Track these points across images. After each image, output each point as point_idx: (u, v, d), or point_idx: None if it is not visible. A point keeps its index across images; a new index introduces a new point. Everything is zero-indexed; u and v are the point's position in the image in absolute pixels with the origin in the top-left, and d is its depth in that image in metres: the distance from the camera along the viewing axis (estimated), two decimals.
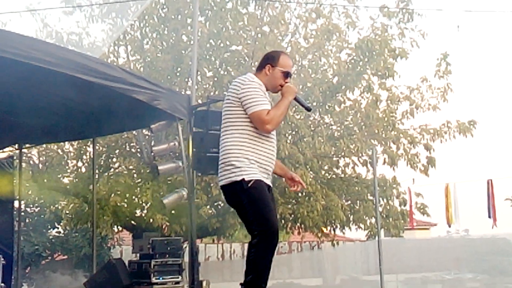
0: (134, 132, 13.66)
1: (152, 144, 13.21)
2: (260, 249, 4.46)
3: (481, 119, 15.17)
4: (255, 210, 4.50)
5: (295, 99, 4.80)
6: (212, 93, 13.59)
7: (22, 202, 13.17)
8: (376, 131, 14.37)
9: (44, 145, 14.46)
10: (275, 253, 4.57)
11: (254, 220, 4.49)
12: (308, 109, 5.17)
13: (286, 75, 4.81)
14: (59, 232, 19.29)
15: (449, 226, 17.55)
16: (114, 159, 14.97)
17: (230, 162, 4.56)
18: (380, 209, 13.97)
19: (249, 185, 4.47)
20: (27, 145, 12.85)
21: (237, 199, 4.61)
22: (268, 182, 4.67)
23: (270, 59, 4.85)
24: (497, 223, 16.01)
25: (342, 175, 14.85)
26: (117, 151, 14.68)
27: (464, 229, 23.44)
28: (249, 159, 4.54)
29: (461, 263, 21.35)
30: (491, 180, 15.97)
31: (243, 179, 4.48)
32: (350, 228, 15.08)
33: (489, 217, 16.04)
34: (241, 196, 4.53)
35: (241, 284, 4.53)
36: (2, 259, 9.27)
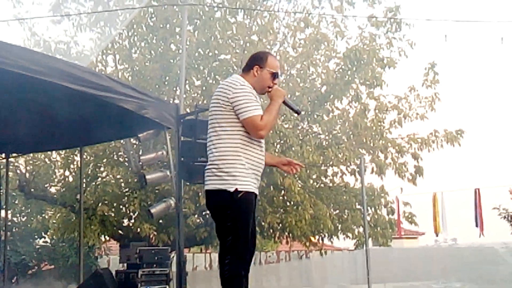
0: (122, 141, 13.62)
1: (140, 153, 13.26)
2: (233, 267, 4.38)
3: (469, 129, 15.26)
4: (236, 224, 4.40)
5: (284, 102, 4.71)
6: (200, 102, 13.57)
7: (9, 211, 13.08)
8: (364, 140, 14.41)
9: (31, 154, 14.39)
10: (264, 262, 4.52)
11: (231, 233, 4.39)
12: (298, 112, 5.11)
13: (274, 76, 4.70)
14: (46, 242, 19.20)
15: (437, 235, 17.67)
16: (102, 168, 14.91)
17: (225, 168, 4.43)
18: (368, 218, 13.99)
19: (239, 196, 4.37)
20: (14, 154, 12.77)
21: (220, 207, 4.50)
22: (256, 190, 4.57)
23: (257, 60, 4.73)
24: (484, 232, 16.10)
25: (330, 184, 14.86)
26: (104, 160, 14.62)
27: (451, 238, 23.55)
28: (244, 165, 4.44)
29: (449, 272, 21.40)
30: (479, 189, 16.06)
31: (236, 189, 4.38)
32: (338, 237, 15.10)
33: (477, 226, 16.12)
34: (226, 205, 4.41)
35: None
36: None
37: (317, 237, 15.12)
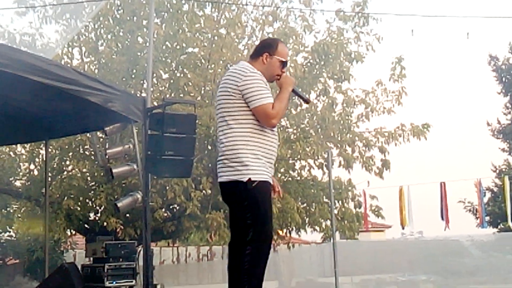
0: (88, 134, 13.48)
1: (106, 146, 13.12)
2: (254, 258, 4.26)
3: (435, 123, 15.38)
4: (255, 214, 4.27)
5: (293, 90, 4.62)
6: (168, 96, 13.51)
7: None
8: (332, 134, 14.46)
9: None
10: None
11: (251, 224, 4.25)
12: (307, 101, 5.09)
13: (284, 64, 4.60)
14: (11, 236, 18.95)
15: (403, 228, 17.78)
16: (68, 162, 14.74)
17: (238, 158, 4.29)
18: (336, 211, 14.06)
19: (253, 185, 4.24)
20: None
21: (237, 199, 4.36)
22: (270, 179, 4.44)
23: (267, 47, 4.60)
24: (449, 225, 16.26)
25: (298, 178, 14.89)
26: (70, 153, 14.46)
27: (418, 231, 23.78)
28: (256, 154, 4.31)
29: (415, 265, 21.62)
30: (444, 183, 16.20)
31: (249, 179, 4.25)
32: (305, 230, 15.13)
33: (442, 219, 16.28)
34: (242, 196, 4.28)
35: None
36: None
37: (284, 230, 15.14)
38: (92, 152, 14.31)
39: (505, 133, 27.03)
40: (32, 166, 15.05)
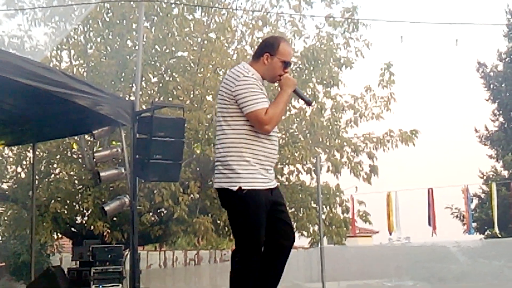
0: (76, 137, 13.44)
1: (94, 150, 13.08)
2: (243, 269, 4.17)
3: (423, 129, 15.41)
4: (245, 223, 4.18)
5: (295, 91, 4.43)
6: (156, 99, 13.48)
7: None
8: (321, 139, 14.47)
9: None
10: (219, 260, 4.38)
11: (241, 233, 4.18)
12: (309, 103, 4.91)
13: (286, 65, 4.39)
14: None
15: (390, 234, 17.79)
16: (55, 165, 14.70)
17: (229, 165, 4.18)
18: (323, 216, 14.05)
19: (244, 193, 4.12)
20: None
21: (229, 205, 4.28)
22: (270, 184, 4.30)
23: (268, 47, 4.38)
24: (436, 231, 16.31)
25: (286, 183, 14.88)
26: (58, 156, 14.41)
27: (405, 236, 23.76)
28: (248, 160, 4.16)
29: (402, 271, 21.61)
30: (432, 189, 16.25)
31: (240, 187, 4.13)
32: None
33: (429, 225, 16.33)
34: (234, 203, 4.20)
35: None
36: None
37: None
38: (80, 155, 14.26)
39: (492, 139, 27.10)
40: (19, 169, 14.99)
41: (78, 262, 10.35)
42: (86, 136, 13.18)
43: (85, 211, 13.96)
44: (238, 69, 4.31)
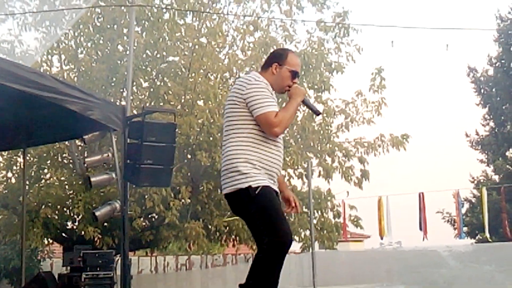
0: (66, 142, 13.40)
1: (85, 155, 13.05)
2: (268, 260, 4.12)
3: (414, 133, 15.48)
4: (265, 219, 4.10)
5: (303, 101, 4.47)
6: (147, 104, 13.48)
7: None
8: (312, 144, 14.50)
9: None
10: (210, 265, 4.35)
11: (264, 230, 4.07)
12: (317, 113, 4.96)
13: (294, 75, 4.44)
14: None
15: (382, 238, 17.81)
16: (46, 170, 14.65)
17: (235, 168, 4.17)
18: (315, 221, 14.08)
19: (256, 192, 4.09)
20: None
21: (244, 208, 4.23)
22: (275, 187, 4.28)
23: (277, 57, 4.47)
24: (428, 235, 16.34)
25: None
26: (48, 162, 14.37)
27: (396, 241, 23.78)
28: (253, 164, 4.17)
29: (393, 275, 21.62)
30: (423, 193, 16.28)
31: (250, 186, 4.11)
32: None
33: (420, 229, 16.35)
34: (248, 205, 4.14)
35: (240, 285, 4.20)
36: None
37: None
38: (71, 161, 14.22)
39: (483, 144, 27.18)
40: (9, 174, 14.92)
41: (69, 268, 10.31)
42: (77, 141, 13.14)
43: (75, 216, 13.92)
44: (249, 76, 4.38)
